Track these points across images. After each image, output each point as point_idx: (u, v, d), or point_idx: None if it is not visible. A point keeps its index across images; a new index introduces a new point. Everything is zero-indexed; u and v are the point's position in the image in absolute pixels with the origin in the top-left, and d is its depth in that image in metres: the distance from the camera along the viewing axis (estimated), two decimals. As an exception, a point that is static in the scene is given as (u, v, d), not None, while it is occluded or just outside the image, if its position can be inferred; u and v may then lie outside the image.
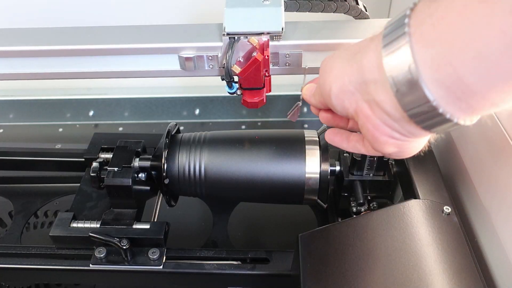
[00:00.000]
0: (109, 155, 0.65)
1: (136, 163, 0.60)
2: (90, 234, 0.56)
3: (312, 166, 0.56)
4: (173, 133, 0.61)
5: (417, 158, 0.59)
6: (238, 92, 0.53)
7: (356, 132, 0.43)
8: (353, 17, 0.54)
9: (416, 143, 0.35)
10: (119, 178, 0.57)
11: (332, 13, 0.53)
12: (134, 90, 1.07)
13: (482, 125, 0.51)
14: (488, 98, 0.27)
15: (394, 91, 0.30)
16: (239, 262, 0.59)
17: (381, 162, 0.59)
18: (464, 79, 0.26)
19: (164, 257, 0.58)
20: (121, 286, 0.72)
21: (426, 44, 0.27)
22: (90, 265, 0.57)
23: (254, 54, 0.48)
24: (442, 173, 0.59)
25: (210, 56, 0.51)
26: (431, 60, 0.27)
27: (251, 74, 0.49)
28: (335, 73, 0.36)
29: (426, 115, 0.29)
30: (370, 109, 0.34)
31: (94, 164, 0.59)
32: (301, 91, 0.50)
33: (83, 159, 0.69)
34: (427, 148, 0.37)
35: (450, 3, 0.26)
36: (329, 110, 0.43)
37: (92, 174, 0.59)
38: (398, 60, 0.29)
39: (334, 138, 0.45)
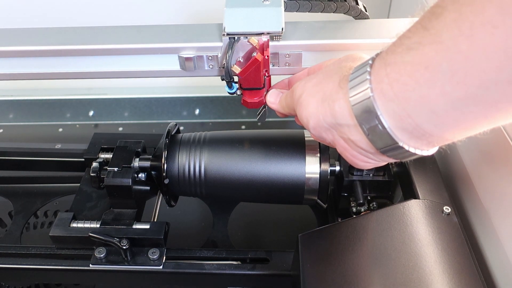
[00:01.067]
0: (109, 155, 0.65)
1: (136, 163, 0.60)
2: (90, 234, 0.56)
3: (312, 166, 0.56)
4: (173, 133, 0.61)
5: (417, 158, 0.59)
6: (238, 92, 0.53)
7: None
8: (353, 17, 0.54)
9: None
10: (119, 178, 0.57)
11: (332, 13, 0.53)
12: (134, 90, 1.07)
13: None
14: (443, 137, 0.32)
15: (367, 135, 0.35)
16: (239, 262, 0.59)
17: (381, 162, 0.59)
18: (422, 126, 0.31)
19: (164, 257, 0.58)
20: (121, 286, 0.72)
21: (387, 99, 0.32)
22: (90, 265, 0.57)
23: (254, 54, 0.48)
24: (442, 173, 0.59)
25: (210, 56, 0.51)
26: (393, 112, 0.32)
27: (251, 74, 0.49)
28: (310, 110, 0.39)
29: (395, 151, 0.35)
30: (347, 144, 0.38)
31: (94, 164, 0.59)
32: (264, 97, 0.51)
33: (83, 159, 0.69)
34: None
35: (402, 68, 0.30)
36: None
37: (92, 174, 0.59)
38: (366, 111, 0.33)
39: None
